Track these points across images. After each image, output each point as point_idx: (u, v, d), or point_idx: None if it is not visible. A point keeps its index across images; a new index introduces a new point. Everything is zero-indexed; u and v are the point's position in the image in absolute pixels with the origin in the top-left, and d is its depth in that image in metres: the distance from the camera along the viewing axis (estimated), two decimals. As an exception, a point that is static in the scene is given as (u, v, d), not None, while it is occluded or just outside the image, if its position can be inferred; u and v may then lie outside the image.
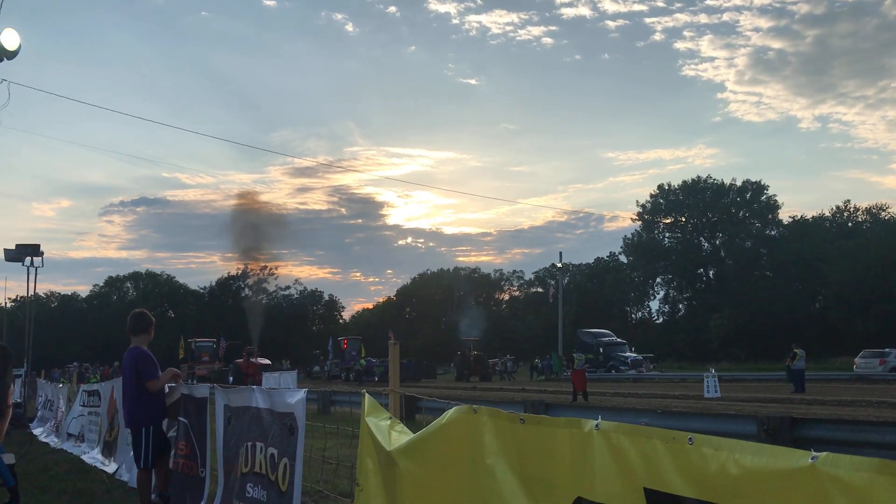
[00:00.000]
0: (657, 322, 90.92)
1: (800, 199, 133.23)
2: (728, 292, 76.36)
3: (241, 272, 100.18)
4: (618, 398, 26.55)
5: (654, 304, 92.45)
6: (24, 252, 25.35)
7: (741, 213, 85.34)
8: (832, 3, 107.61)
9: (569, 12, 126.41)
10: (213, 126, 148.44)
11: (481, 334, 67.03)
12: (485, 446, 3.06)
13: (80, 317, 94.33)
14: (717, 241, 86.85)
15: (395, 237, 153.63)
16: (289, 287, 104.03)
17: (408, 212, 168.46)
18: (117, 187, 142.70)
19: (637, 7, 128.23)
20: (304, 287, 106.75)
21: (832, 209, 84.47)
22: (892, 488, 1.70)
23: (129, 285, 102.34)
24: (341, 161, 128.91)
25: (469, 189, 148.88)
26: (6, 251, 25.53)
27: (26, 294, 26.76)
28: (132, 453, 9.22)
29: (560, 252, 70.03)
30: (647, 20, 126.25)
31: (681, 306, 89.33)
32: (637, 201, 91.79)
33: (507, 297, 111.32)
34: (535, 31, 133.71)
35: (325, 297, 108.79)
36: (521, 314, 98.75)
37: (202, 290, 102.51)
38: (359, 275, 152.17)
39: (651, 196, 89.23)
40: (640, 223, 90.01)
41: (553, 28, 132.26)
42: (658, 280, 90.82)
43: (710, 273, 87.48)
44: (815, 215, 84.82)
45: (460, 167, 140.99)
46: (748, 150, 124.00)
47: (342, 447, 8.11)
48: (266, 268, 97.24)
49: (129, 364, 7.38)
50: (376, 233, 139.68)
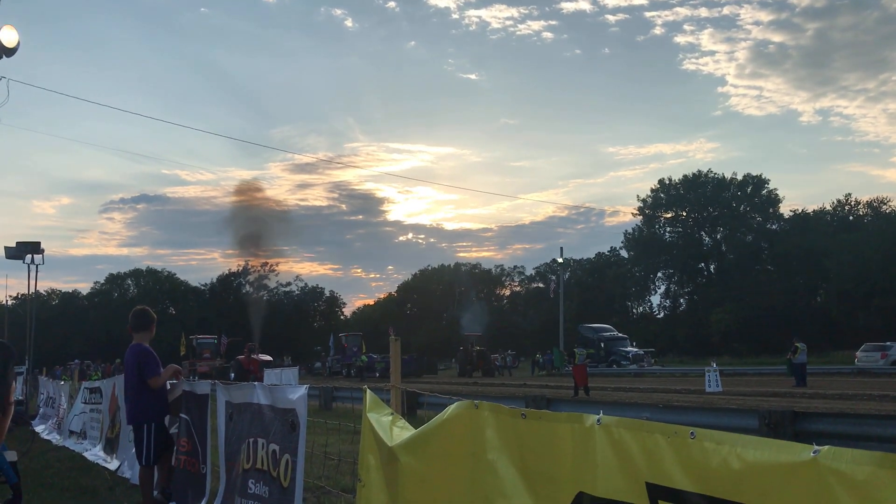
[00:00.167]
0: (658, 317, 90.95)
1: (801, 193, 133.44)
2: (729, 286, 76.38)
3: (241, 269, 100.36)
4: (619, 393, 26.57)
5: (655, 299, 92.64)
6: (25, 250, 25.33)
7: (742, 208, 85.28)
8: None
9: (569, 7, 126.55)
10: (212, 123, 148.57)
11: (483, 329, 67.06)
12: (486, 441, 3.05)
13: (82, 314, 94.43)
14: (718, 236, 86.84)
15: (396, 233, 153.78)
16: (290, 283, 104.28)
17: (408, 207, 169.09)
18: (117, 184, 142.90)
19: (637, 1, 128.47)
20: (305, 283, 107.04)
21: (833, 203, 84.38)
22: (894, 482, 1.70)
23: (130, 282, 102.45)
24: (341, 157, 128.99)
25: (469, 184, 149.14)
26: (7, 249, 25.51)
27: (27, 292, 26.79)
28: (134, 450, 9.24)
29: (561, 247, 70.07)
30: (648, 14, 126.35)
31: (682, 301, 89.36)
32: (638, 196, 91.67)
33: (507, 292, 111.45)
34: (535, 25, 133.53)
35: (326, 293, 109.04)
36: (522, 309, 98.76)
37: (203, 287, 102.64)
38: (360, 271, 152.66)
39: (652, 190, 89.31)
40: (640, 218, 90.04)
41: (553, 23, 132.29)
42: (659, 274, 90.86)
43: (711, 267, 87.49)
44: (816, 209, 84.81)
45: (461, 162, 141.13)
46: (749, 144, 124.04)
47: (344, 443, 8.13)
48: (267, 264, 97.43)
49: (131, 361, 7.38)
50: (377, 229, 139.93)
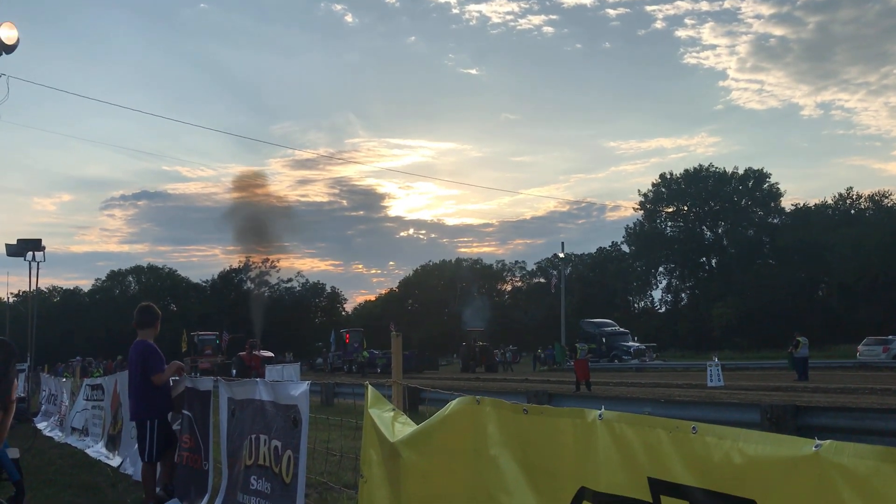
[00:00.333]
0: (660, 311, 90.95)
1: (802, 187, 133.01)
2: (730, 281, 76.35)
3: (242, 265, 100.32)
4: (621, 388, 26.57)
5: (657, 294, 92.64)
6: (26, 247, 25.33)
7: (743, 202, 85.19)
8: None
9: (569, 1, 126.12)
10: (213, 119, 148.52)
11: (485, 324, 67.05)
12: (488, 437, 3.05)
13: (83, 311, 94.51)
14: (720, 230, 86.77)
15: (397, 229, 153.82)
16: (291, 279, 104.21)
17: (409, 203, 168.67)
18: (118, 181, 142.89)
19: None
20: (307, 279, 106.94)
21: (835, 196, 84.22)
22: (896, 476, 1.70)
23: (131, 279, 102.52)
24: (342, 153, 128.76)
25: (470, 180, 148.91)
26: (8, 246, 25.51)
27: (28, 289, 26.79)
28: (136, 446, 9.26)
29: (562, 242, 70.08)
30: (648, 8, 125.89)
31: (683, 295, 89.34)
32: (639, 190, 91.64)
33: (509, 287, 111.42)
34: (536, 20, 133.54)
35: (328, 289, 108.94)
36: (524, 305, 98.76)
37: (204, 284, 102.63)
38: (361, 267, 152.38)
39: (653, 185, 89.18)
40: (642, 212, 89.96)
41: (554, 17, 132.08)
42: (660, 269, 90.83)
43: (713, 262, 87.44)
44: (817, 203, 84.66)
45: (461, 158, 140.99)
46: (750, 138, 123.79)
47: (346, 439, 8.13)
48: (268, 260, 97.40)
49: (136, 357, 7.39)
50: (378, 224, 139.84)
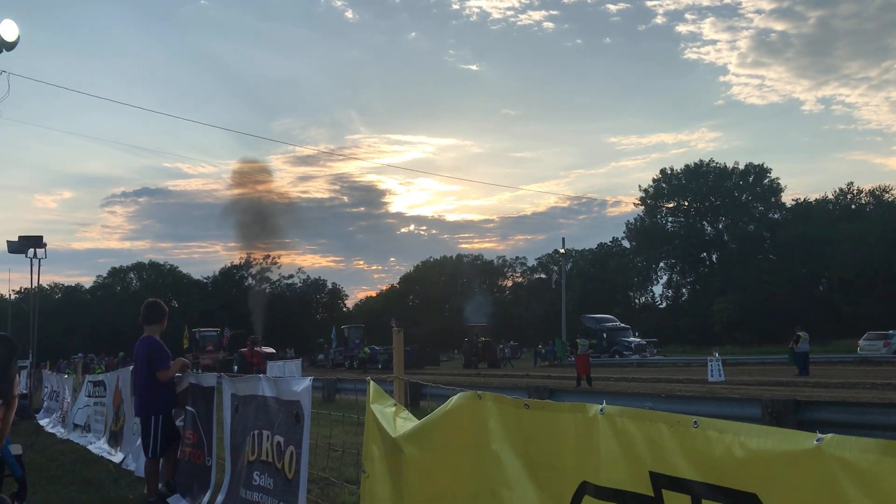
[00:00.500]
0: (660, 307, 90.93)
1: (803, 182, 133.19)
2: (731, 276, 76.33)
3: (244, 261, 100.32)
4: (622, 383, 26.60)
5: (658, 289, 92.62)
6: (27, 244, 25.34)
7: (744, 197, 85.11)
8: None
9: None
10: (213, 115, 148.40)
11: (487, 320, 67.01)
12: (490, 432, 3.06)
13: (84, 308, 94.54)
14: (720, 225, 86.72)
15: (398, 225, 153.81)
16: (292, 276, 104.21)
17: (410, 199, 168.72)
18: (119, 178, 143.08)
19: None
20: (308, 276, 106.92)
21: (835, 191, 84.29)
22: (898, 469, 1.70)
23: (133, 276, 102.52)
24: (343, 149, 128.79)
25: (471, 176, 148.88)
26: (9, 243, 25.53)
27: (30, 286, 26.80)
28: (139, 442, 9.27)
29: (563, 238, 70.04)
30: (649, 3, 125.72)
31: (684, 290, 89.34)
32: (640, 186, 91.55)
33: (510, 283, 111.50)
34: (536, 15, 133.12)
35: (329, 285, 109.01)
36: (525, 300, 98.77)
37: (205, 280, 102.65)
38: (362, 263, 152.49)
39: (654, 180, 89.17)
40: (642, 208, 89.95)
41: (554, 12, 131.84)
42: (661, 264, 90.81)
43: (714, 257, 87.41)
44: (818, 198, 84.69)
45: (462, 154, 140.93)
46: (751, 134, 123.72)
47: (348, 434, 8.15)
48: (269, 257, 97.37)
49: (142, 353, 7.41)
50: (379, 221, 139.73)
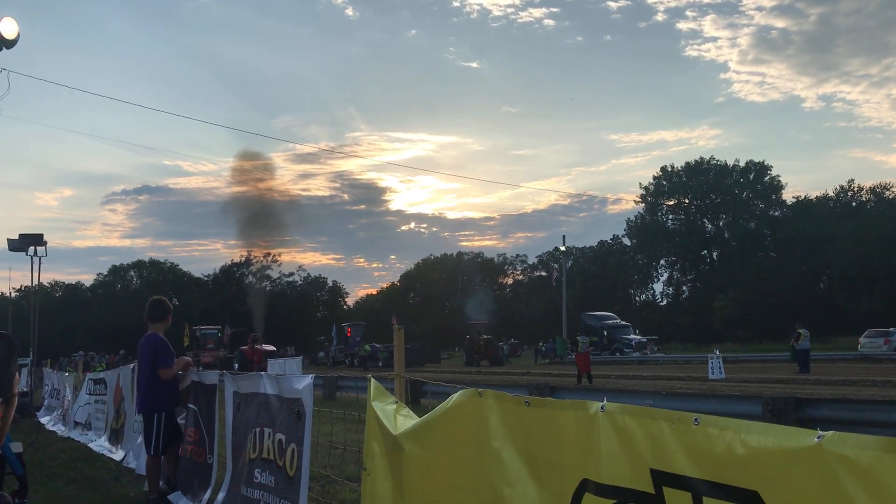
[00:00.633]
0: (661, 304, 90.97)
1: (803, 179, 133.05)
2: (732, 273, 76.31)
3: (244, 259, 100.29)
4: (622, 380, 26.60)
5: (658, 287, 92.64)
6: (28, 242, 25.38)
7: (745, 194, 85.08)
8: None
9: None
10: (213, 113, 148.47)
11: (489, 317, 66.97)
12: (490, 429, 3.06)
13: (85, 306, 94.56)
14: (721, 223, 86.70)
15: (399, 222, 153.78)
16: (292, 274, 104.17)
17: (410, 197, 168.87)
18: (119, 176, 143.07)
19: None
20: (308, 273, 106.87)
21: (836, 189, 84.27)
22: (898, 466, 1.70)
23: (133, 274, 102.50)
24: (343, 147, 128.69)
25: (472, 173, 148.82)
26: (10, 241, 25.57)
27: (31, 284, 26.81)
28: (141, 440, 9.27)
29: (563, 235, 70.01)
30: (650, 0, 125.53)
31: (685, 288, 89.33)
32: (640, 183, 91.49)
33: (510, 281, 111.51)
34: (537, 12, 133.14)
35: (329, 283, 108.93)
36: (525, 298, 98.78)
37: (206, 278, 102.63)
38: (362, 261, 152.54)
39: (654, 178, 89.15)
40: (643, 205, 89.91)
41: (555, 10, 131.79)
42: (662, 262, 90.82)
43: (714, 254, 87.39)
44: (818, 195, 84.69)
45: (463, 151, 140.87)
46: (752, 131, 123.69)
47: (349, 432, 8.15)
48: (269, 255, 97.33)
49: (146, 351, 7.42)
50: (379, 218, 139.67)
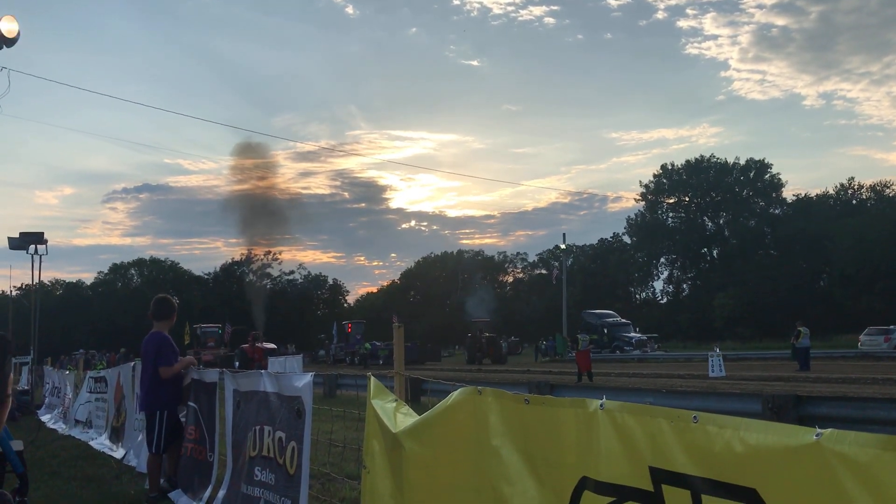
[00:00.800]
0: (661, 302, 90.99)
1: (804, 177, 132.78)
2: (732, 271, 76.33)
3: (244, 257, 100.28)
4: (622, 378, 26.62)
5: (658, 285, 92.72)
6: (28, 240, 25.41)
7: (745, 192, 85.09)
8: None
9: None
10: (214, 111, 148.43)
11: (490, 315, 67.01)
12: (490, 427, 3.06)
13: (86, 304, 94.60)
14: (721, 221, 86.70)
15: (399, 221, 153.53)
16: (293, 272, 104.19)
17: (411, 195, 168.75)
18: (120, 174, 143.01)
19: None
20: (309, 271, 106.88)
21: (836, 187, 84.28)
22: (897, 464, 1.70)
23: (134, 272, 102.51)
24: (343, 145, 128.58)
25: (472, 171, 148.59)
26: (10, 239, 25.59)
27: (31, 282, 26.83)
28: (141, 438, 9.28)
29: (563, 233, 70.23)
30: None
31: (685, 286, 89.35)
32: (640, 181, 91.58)
33: (510, 279, 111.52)
34: (537, 10, 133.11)
35: (330, 281, 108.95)
36: (525, 296, 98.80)
37: (206, 276, 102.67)
38: (363, 259, 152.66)
39: (654, 176, 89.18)
40: (643, 203, 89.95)
41: (555, 8, 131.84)
42: (662, 260, 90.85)
43: (714, 252, 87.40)
44: (819, 193, 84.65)
45: (463, 149, 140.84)
46: (752, 129, 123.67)
47: (349, 430, 8.16)
48: (270, 253, 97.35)
49: (150, 349, 7.44)
50: (380, 216, 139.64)
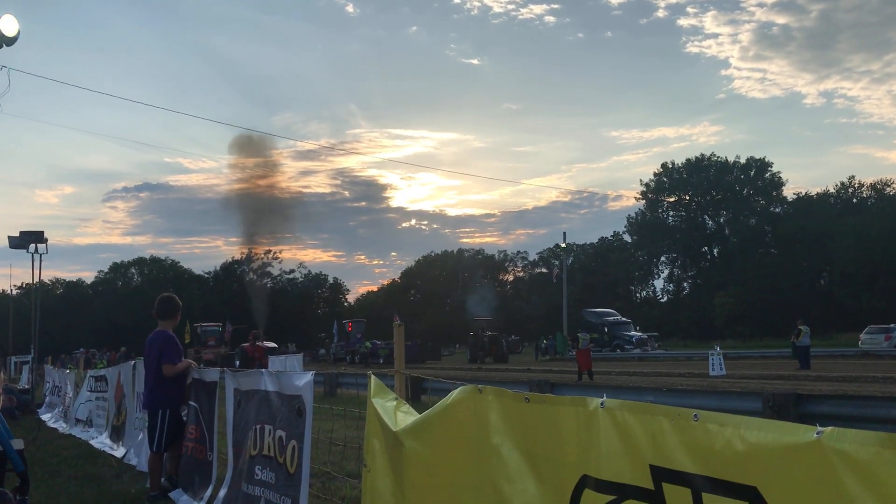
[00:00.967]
0: (662, 301, 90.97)
1: (804, 176, 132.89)
2: (732, 270, 76.32)
3: (245, 256, 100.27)
4: (623, 377, 26.60)
5: (659, 283, 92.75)
6: (29, 239, 25.42)
7: (745, 191, 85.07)
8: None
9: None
10: (214, 110, 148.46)
11: (492, 314, 66.99)
12: (490, 425, 3.06)
13: (86, 303, 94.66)
14: (722, 219, 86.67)
15: (399, 219, 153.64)
16: (293, 271, 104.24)
17: (411, 194, 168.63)
18: (120, 173, 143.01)
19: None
20: (309, 270, 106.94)
21: (837, 185, 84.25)
22: (897, 462, 1.70)
23: (134, 271, 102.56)
24: (344, 143, 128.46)
25: (472, 170, 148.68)
26: (10, 238, 25.60)
27: (31, 281, 26.85)
28: (142, 437, 9.28)
29: (564, 232, 70.23)
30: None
31: (685, 285, 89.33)
32: (641, 180, 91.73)
33: (511, 277, 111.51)
34: (537, 9, 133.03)
35: (330, 280, 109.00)
36: (526, 295, 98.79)
37: (207, 275, 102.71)
38: (363, 258, 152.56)
39: (655, 174, 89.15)
40: (643, 202, 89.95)
41: (555, 6, 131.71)
42: (662, 259, 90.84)
43: (715, 251, 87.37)
44: (819, 192, 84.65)
45: (463, 148, 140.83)
46: (752, 127, 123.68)
47: (349, 429, 8.15)
48: (270, 252, 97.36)
49: (154, 347, 7.44)
50: (380, 215, 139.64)
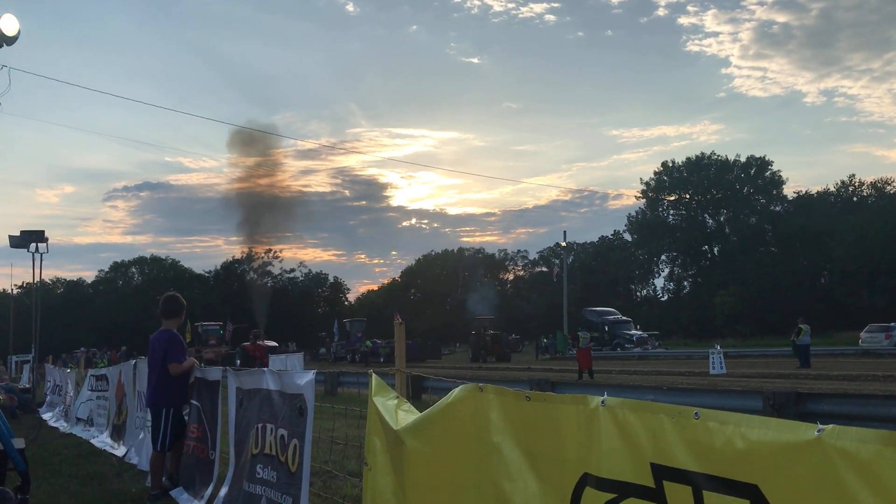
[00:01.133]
0: (662, 299, 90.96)
1: (805, 174, 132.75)
2: (733, 269, 76.30)
3: (245, 255, 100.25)
4: (623, 376, 26.62)
5: (659, 282, 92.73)
6: (29, 238, 25.41)
7: (746, 189, 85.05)
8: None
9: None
10: (214, 109, 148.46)
11: (493, 313, 66.99)
12: (491, 424, 3.06)
13: (87, 302, 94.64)
14: (722, 218, 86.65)
15: (400, 218, 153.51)
16: (294, 270, 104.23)
17: (411, 193, 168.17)
18: (120, 172, 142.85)
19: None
20: (309, 269, 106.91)
21: (837, 184, 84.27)
22: (898, 459, 1.70)
23: (135, 270, 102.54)
24: (344, 143, 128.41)
25: (472, 169, 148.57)
26: (11, 238, 25.60)
27: (32, 280, 26.86)
28: (142, 436, 9.29)
29: (564, 231, 70.37)
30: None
31: (686, 283, 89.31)
32: (641, 179, 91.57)
33: (511, 276, 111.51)
34: (538, 7, 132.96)
35: (330, 279, 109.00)
36: (526, 293, 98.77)
37: (207, 275, 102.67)
38: (363, 257, 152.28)
39: (655, 173, 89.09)
40: (644, 201, 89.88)
41: (555, 5, 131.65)
42: (663, 257, 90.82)
43: (715, 250, 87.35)
44: (820, 190, 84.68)
45: (463, 147, 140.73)
46: (753, 126, 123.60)
47: (350, 427, 8.15)
48: (271, 251, 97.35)
49: (159, 346, 7.44)
50: (380, 214, 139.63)
